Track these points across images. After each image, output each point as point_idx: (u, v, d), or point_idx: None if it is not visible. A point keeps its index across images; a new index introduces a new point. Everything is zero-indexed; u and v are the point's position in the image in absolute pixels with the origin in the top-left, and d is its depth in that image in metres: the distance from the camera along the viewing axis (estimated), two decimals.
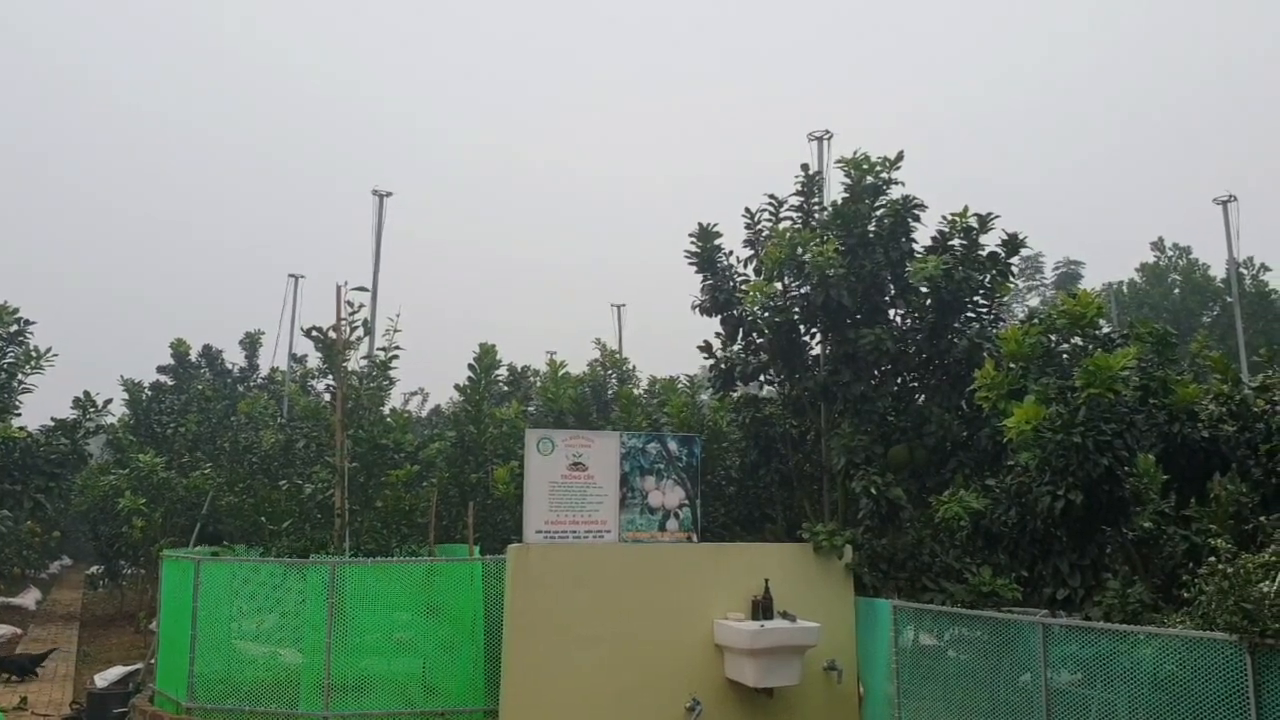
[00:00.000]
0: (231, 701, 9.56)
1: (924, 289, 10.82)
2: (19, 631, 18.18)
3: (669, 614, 9.30)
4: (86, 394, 11.84)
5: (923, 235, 11.15)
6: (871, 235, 11.02)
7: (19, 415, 12.04)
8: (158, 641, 11.06)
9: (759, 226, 11.94)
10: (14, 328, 11.38)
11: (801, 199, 11.96)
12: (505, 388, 20.04)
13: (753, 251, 11.83)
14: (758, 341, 11.70)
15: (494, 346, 16.00)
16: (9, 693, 12.74)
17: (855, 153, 11.30)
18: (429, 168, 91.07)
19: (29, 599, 22.66)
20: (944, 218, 11.12)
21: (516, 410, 15.30)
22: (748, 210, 11.97)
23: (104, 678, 12.07)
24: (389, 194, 19.26)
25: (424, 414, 28.86)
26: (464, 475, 13.98)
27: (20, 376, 11.61)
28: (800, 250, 10.91)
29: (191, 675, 9.62)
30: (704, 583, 9.43)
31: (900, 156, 11.30)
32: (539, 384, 18.57)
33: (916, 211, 11.07)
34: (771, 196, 11.94)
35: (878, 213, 11.16)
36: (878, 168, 11.24)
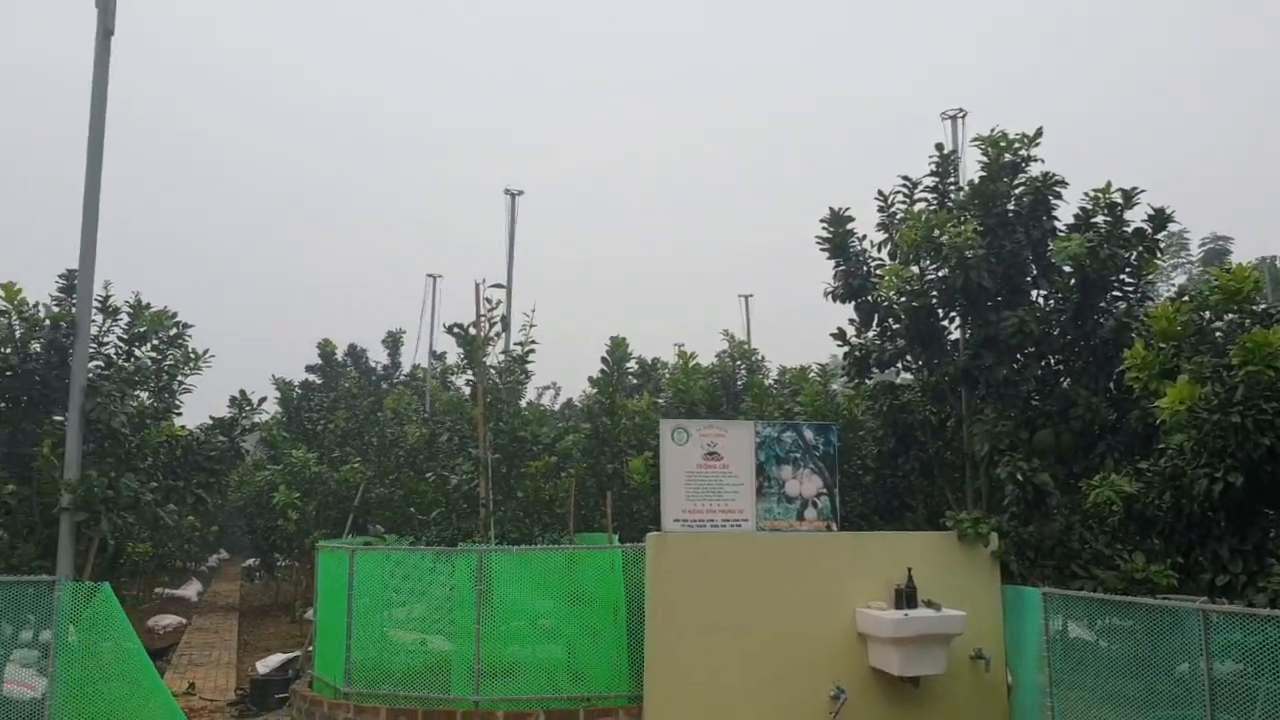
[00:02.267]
0: (386, 686, 9.89)
1: (1067, 268, 10.51)
2: (184, 621, 19.20)
3: (809, 602, 9.27)
4: (242, 393, 12.37)
5: (1064, 213, 10.83)
6: (1011, 214, 10.75)
7: (180, 414, 12.64)
8: (315, 629, 11.52)
9: (892, 209, 11.77)
10: (173, 331, 11.93)
11: (936, 180, 11.75)
12: (635, 380, 20.21)
13: (886, 235, 11.66)
14: (893, 327, 11.53)
15: (625, 339, 16.17)
16: (178, 679, 13.46)
17: (992, 130, 11.04)
18: (557, 170, 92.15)
19: (191, 591, 23.91)
20: (1086, 194, 10.78)
21: (648, 402, 15.42)
22: (880, 193, 11.82)
23: (265, 664, 12.67)
24: (520, 193, 19.57)
25: (556, 408, 29.29)
26: (600, 466, 14.17)
27: (180, 377, 12.17)
28: (937, 232, 10.72)
29: (348, 661, 9.98)
30: (844, 571, 9.37)
31: (1039, 133, 10.99)
32: (669, 376, 18.67)
33: (1057, 189, 10.74)
34: (905, 178, 11.77)
35: (1017, 191, 10.88)
36: (1016, 144, 10.96)
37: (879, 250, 11.72)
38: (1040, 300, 10.96)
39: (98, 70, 10.22)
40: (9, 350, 10.38)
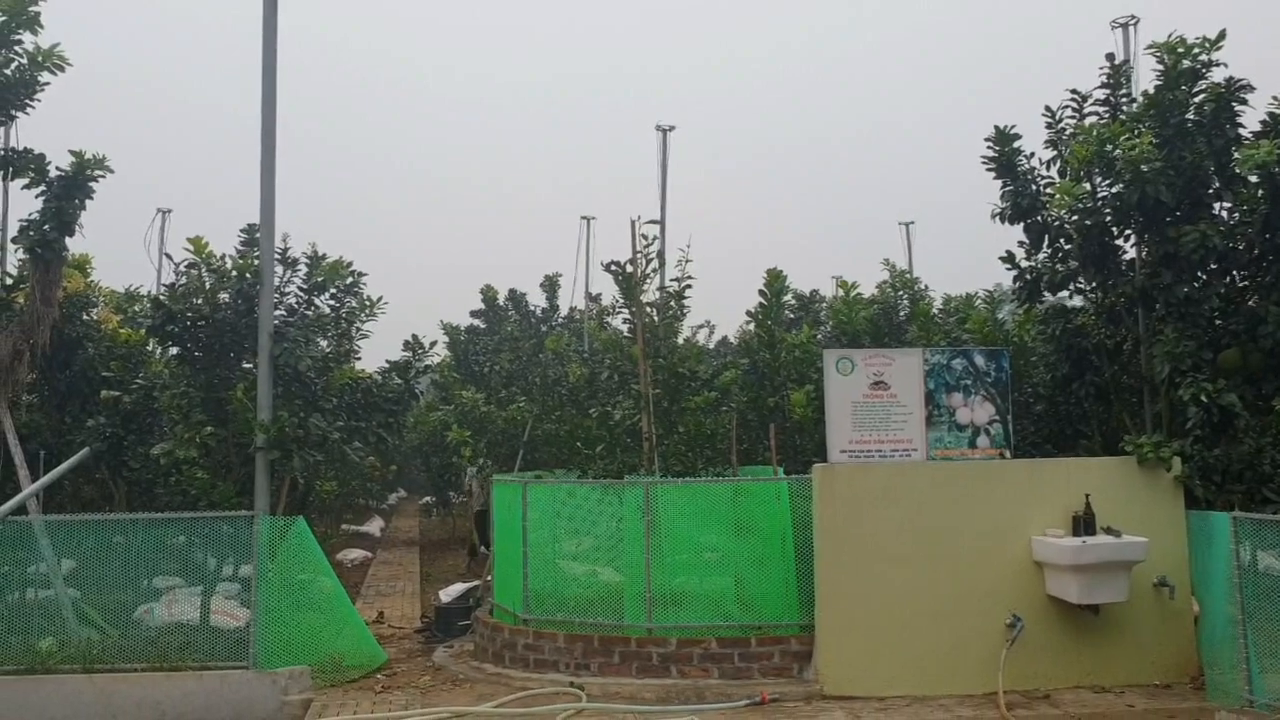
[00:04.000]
0: (561, 614, 10.25)
1: (1254, 178, 9.89)
2: (369, 555, 20.26)
3: (983, 531, 9.15)
4: (415, 337, 12.82)
5: (1249, 119, 10.15)
6: (1190, 124, 10.16)
7: (359, 359, 13.21)
8: (492, 560, 11.98)
9: (1061, 125, 11.27)
10: (349, 280, 12.44)
11: (1107, 91, 11.18)
12: (792, 315, 20.05)
13: (1056, 152, 11.19)
14: (1065, 248, 11.10)
15: (782, 272, 16.02)
16: (368, 608, 14.22)
17: (1170, 36, 10.42)
18: (714, 103, 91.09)
19: (374, 527, 25.15)
20: (1275, 98, 10.08)
21: (808, 335, 15.29)
22: (1048, 109, 11.33)
23: (447, 593, 13.26)
24: (672, 128, 19.53)
25: (712, 345, 29.36)
26: (761, 400, 14.16)
27: (357, 324, 12.69)
28: (1110, 146, 10.23)
29: (525, 590, 10.38)
30: (1019, 499, 9.21)
31: (1222, 35, 10.30)
32: (828, 308, 18.44)
33: (1242, 94, 10.09)
34: (1074, 92, 11.23)
35: (1196, 99, 10.25)
36: (1195, 50, 10.31)
37: (1048, 168, 11.27)
38: (1224, 213, 10.36)
39: (266, 31, 10.62)
40: (200, 300, 11.02)
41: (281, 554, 10.14)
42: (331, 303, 12.23)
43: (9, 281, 12.59)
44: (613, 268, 12.68)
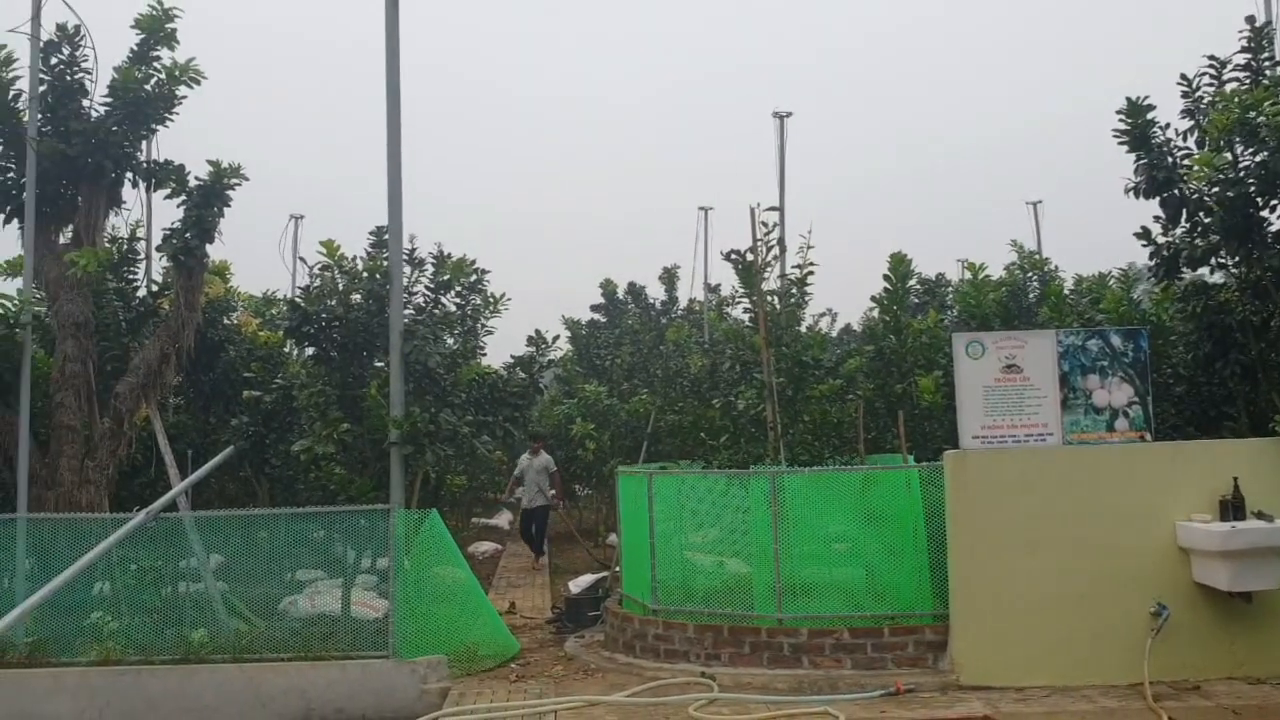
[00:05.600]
0: (690, 605, 10.28)
1: None
2: (499, 547, 20.66)
3: (1123, 516, 8.85)
4: (538, 332, 13.10)
5: None
6: None
7: (485, 355, 13.48)
8: (619, 551, 12.10)
9: (1198, 94, 10.81)
10: (473, 277, 12.70)
11: (1248, 56, 10.66)
12: (917, 299, 19.70)
13: (1193, 122, 10.74)
14: (1205, 221, 10.63)
15: (906, 255, 15.72)
16: (499, 599, 14.49)
17: None
18: (832, 88, 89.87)
19: (503, 520, 25.60)
20: None
21: (934, 319, 15.00)
22: (1183, 77, 10.87)
23: (577, 584, 13.42)
24: (789, 114, 19.38)
25: (834, 334, 29.05)
26: (887, 387, 13.95)
27: (481, 320, 12.94)
28: (1253, 113, 9.76)
29: (654, 580, 10.44)
30: (1161, 483, 8.88)
31: None
32: (954, 292, 18.06)
33: None
34: (1212, 58, 10.76)
35: None
36: None
37: (1184, 139, 10.83)
38: None
39: (390, 31, 10.89)
40: (334, 302, 11.38)
41: (417, 546, 10.42)
42: (457, 300, 12.52)
43: (155, 289, 13.22)
44: (733, 256, 12.64)
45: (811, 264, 13.24)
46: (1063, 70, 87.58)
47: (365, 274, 11.66)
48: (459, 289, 12.53)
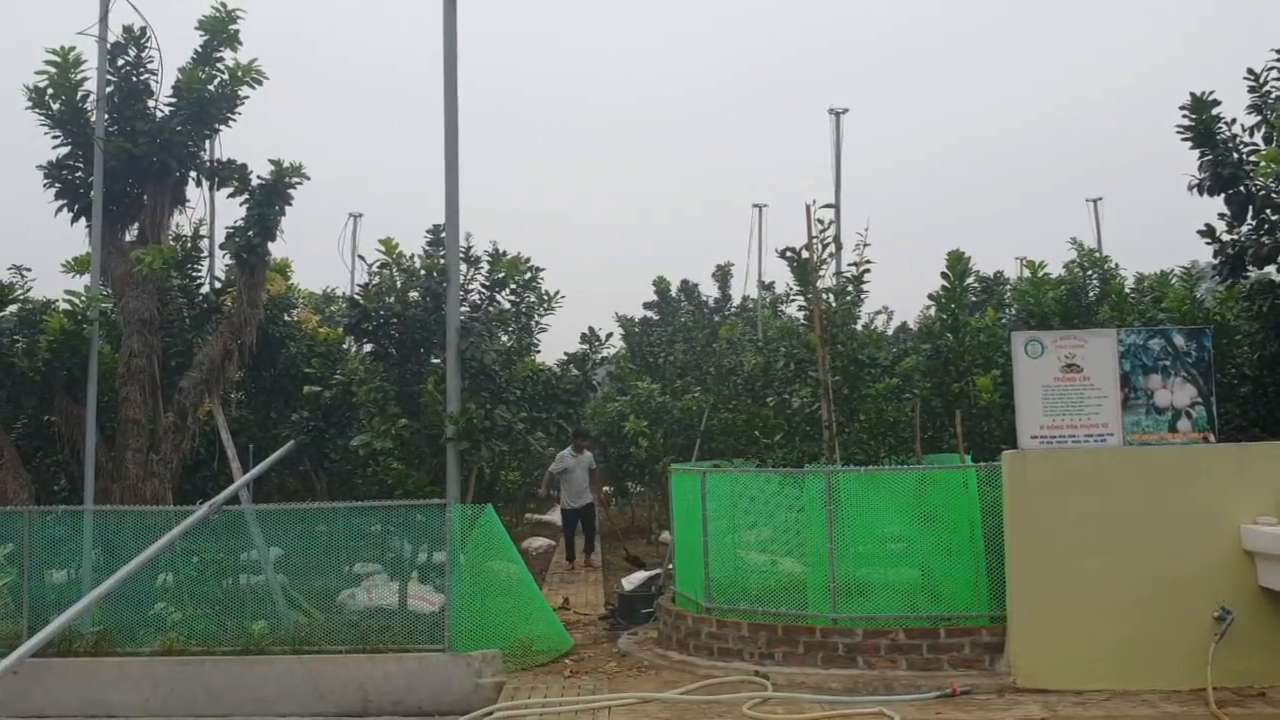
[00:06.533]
0: (744, 603, 10.27)
1: None
2: (552, 543, 20.73)
3: (1185, 519, 8.70)
4: (591, 329, 13.11)
5: None
6: None
7: (539, 352, 13.55)
8: (673, 548, 12.11)
9: (1266, 88, 10.61)
10: (528, 275, 12.77)
11: None
12: (975, 298, 19.49)
13: (1260, 117, 10.55)
14: (1272, 219, 10.45)
15: (964, 253, 15.55)
16: (553, 595, 14.56)
17: None
18: (888, 86, 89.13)
19: (555, 516, 25.70)
20: None
21: (993, 318, 14.83)
22: (1250, 72, 10.68)
23: (630, 581, 13.43)
24: (845, 111, 19.25)
25: (890, 332, 28.82)
26: (945, 386, 13.82)
27: (536, 318, 13.01)
28: None
29: (707, 579, 10.44)
30: (1225, 486, 8.71)
31: None
32: (1012, 290, 17.84)
33: None
34: (1279, 51, 10.56)
35: None
36: None
37: (1251, 135, 10.64)
38: None
39: (447, 42, 11.00)
40: (392, 299, 11.52)
41: (472, 541, 10.51)
42: (512, 298, 12.60)
43: (218, 286, 13.45)
44: (788, 253, 12.61)
45: (868, 261, 13.15)
46: (1130, 66, 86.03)
47: (423, 272, 11.78)
48: (514, 286, 12.60)
